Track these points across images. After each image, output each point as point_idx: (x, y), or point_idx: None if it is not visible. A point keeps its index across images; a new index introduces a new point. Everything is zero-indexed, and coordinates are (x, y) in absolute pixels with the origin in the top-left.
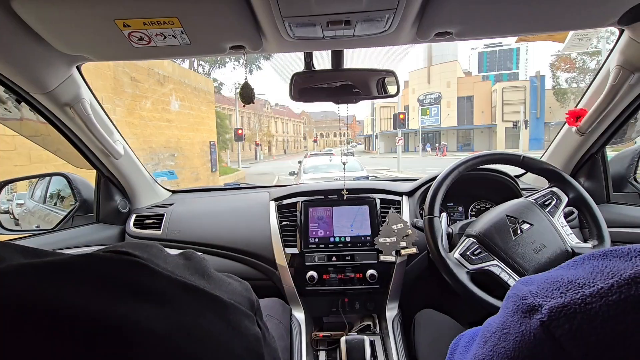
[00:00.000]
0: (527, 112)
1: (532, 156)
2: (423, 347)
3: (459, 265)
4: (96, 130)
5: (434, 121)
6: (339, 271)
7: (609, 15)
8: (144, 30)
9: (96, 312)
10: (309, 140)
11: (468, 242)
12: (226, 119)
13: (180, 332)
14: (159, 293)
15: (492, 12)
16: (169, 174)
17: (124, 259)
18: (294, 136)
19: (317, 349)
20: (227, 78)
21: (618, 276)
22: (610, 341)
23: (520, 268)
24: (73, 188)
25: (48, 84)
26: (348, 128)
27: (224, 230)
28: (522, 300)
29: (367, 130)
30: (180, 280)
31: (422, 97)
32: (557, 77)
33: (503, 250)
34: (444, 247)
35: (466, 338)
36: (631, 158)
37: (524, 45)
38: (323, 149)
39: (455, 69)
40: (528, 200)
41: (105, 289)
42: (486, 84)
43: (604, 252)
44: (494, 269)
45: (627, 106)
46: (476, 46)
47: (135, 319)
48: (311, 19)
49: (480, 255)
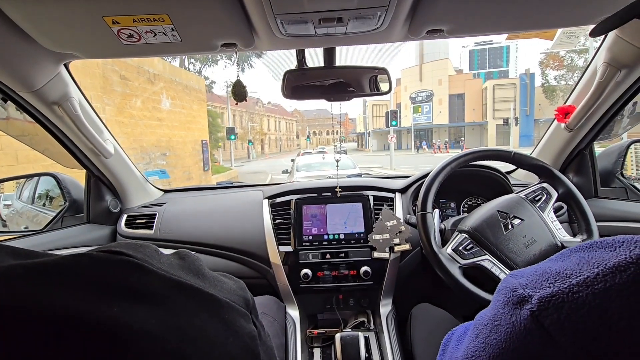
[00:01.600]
0: (517, 110)
1: (522, 152)
2: (419, 341)
3: (452, 261)
4: (85, 129)
5: (426, 119)
6: (333, 268)
7: (595, 14)
8: (134, 27)
9: (89, 313)
10: (302, 138)
11: (460, 237)
12: (218, 117)
13: (175, 332)
14: (154, 293)
15: (482, 10)
16: (161, 173)
17: (117, 259)
18: (286, 134)
19: (311, 346)
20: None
21: (603, 265)
22: (596, 328)
23: (511, 262)
24: (62, 188)
25: (35, 82)
26: (341, 126)
27: (218, 229)
28: (513, 292)
29: (360, 128)
30: (175, 280)
31: (414, 95)
32: (546, 74)
33: (494, 245)
34: (436, 242)
35: (459, 332)
36: (618, 154)
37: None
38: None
39: (446, 67)
40: (519, 195)
41: (98, 289)
42: (477, 81)
43: (590, 243)
44: (486, 263)
45: (614, 102)
46: (467, 44)
47: (130, 320)
48: (303, 16)
49: (472, 250)
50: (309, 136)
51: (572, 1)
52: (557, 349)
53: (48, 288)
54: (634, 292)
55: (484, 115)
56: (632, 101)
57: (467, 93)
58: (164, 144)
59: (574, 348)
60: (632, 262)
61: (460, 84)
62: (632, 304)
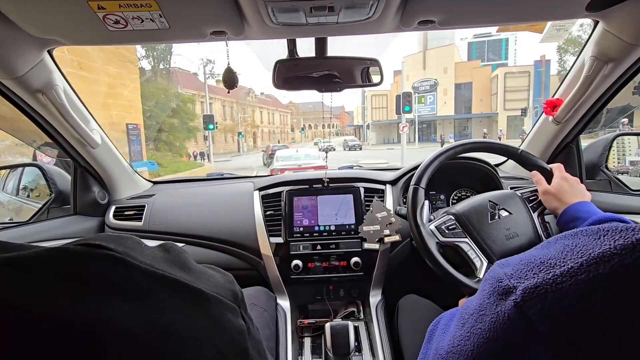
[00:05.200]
0: (531, 100)
1: (529, 152)
2: (405, 331)
3: (431, 236)
4: (71, 118)
5: (430, 110)
6: (323, 259)
7: (582, 6)
8: (120, 12)
9: (66, 310)
10: (297, 131)
11: (446, 217)
12: (189, 102)
13: (158, 329)
14: (135, 288)
15: (474, 1)
16: (150, 165)
17: (96, 253)
18: (280, 127)
19: (302, 335)
20: (189, 51)
21: (587, 255)
22: (577, 318)
23: (488, 250)
24: (48, 179)
25: (17, 69)
26: (332, 118)
27: (208, 221)
28: (498, 282)
29: (358, 120)
30: (159, 274)
31: (417, 84)
32: (564, 61)
33: (476, 230)
34: (421, 216)
35: (444, 320)
36: (603, 147)
37: (512, 36)
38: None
39: (452, 54)
40: (515, 192)
41: (75, 285)
42: (486, 69)
43: (575, 232)
44: (464, 245)
45: (600, 96)
46: (465, 36)
47: (109, 317)
48: (294, 4)
49: (453, 231)
50: (303, 128)
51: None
52: (540, 339)
53: (23, 284)
54: (617, 283)
55: (493, 106)
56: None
57: (475, 82)
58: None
59: (555, 337)
60: (616, 252)
61: (467, 72)
62: (614, 295)
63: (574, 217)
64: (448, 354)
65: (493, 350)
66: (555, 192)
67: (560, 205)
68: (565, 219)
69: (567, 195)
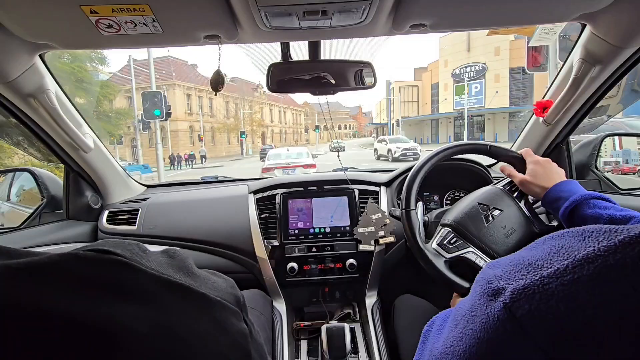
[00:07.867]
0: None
1: (498, 145)
2: (402, 331)
3: (437, 255)
4: (63, 122)
5: (475, 102)
6: (319, 262)
7: (574, 10)
8: (113, 17)
9: (78, 313)
10: (311, 131)
11: (444, 231)
12: (109, 89)
13: (165, 331)
14: (143, 292)
15: (464, 5)
16: (143, 168)
17: (106, 258)
18: (293, 127)
19: (298, 338)
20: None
21: (572, 257)
22: (564, 318)
23: (493, 253)
24: (39, 184)
25: (8, 74)
26: (331, 120)
27: (203, 224)
28: (488, 284)
29: (383, 116)
30: (165, 279)
31: (459, 71)
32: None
33: (477, 237)
34: (421, 238)
35: (439, 321)
36: (592, 147)
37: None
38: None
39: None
40: (497, 187)
41: (87, 289)
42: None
43: (561, 232)
44: (470, 255)
45: (588, 97)
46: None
47: (119, 320)
48: (287, 8)
49: (456, 244)
50: (317, 127)
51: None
52: (528, 339)
53: (36, 289)
54: (600, 284)
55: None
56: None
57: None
58: None
59: (543, 337)
60: (600, 254)
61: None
62: (597, 295)
63: (556, 198)
64: (442, 354)
65: (484, 350)
66: (531, 179)
67: (540, 190)
68: (547, 201)
69: (544, 179)
